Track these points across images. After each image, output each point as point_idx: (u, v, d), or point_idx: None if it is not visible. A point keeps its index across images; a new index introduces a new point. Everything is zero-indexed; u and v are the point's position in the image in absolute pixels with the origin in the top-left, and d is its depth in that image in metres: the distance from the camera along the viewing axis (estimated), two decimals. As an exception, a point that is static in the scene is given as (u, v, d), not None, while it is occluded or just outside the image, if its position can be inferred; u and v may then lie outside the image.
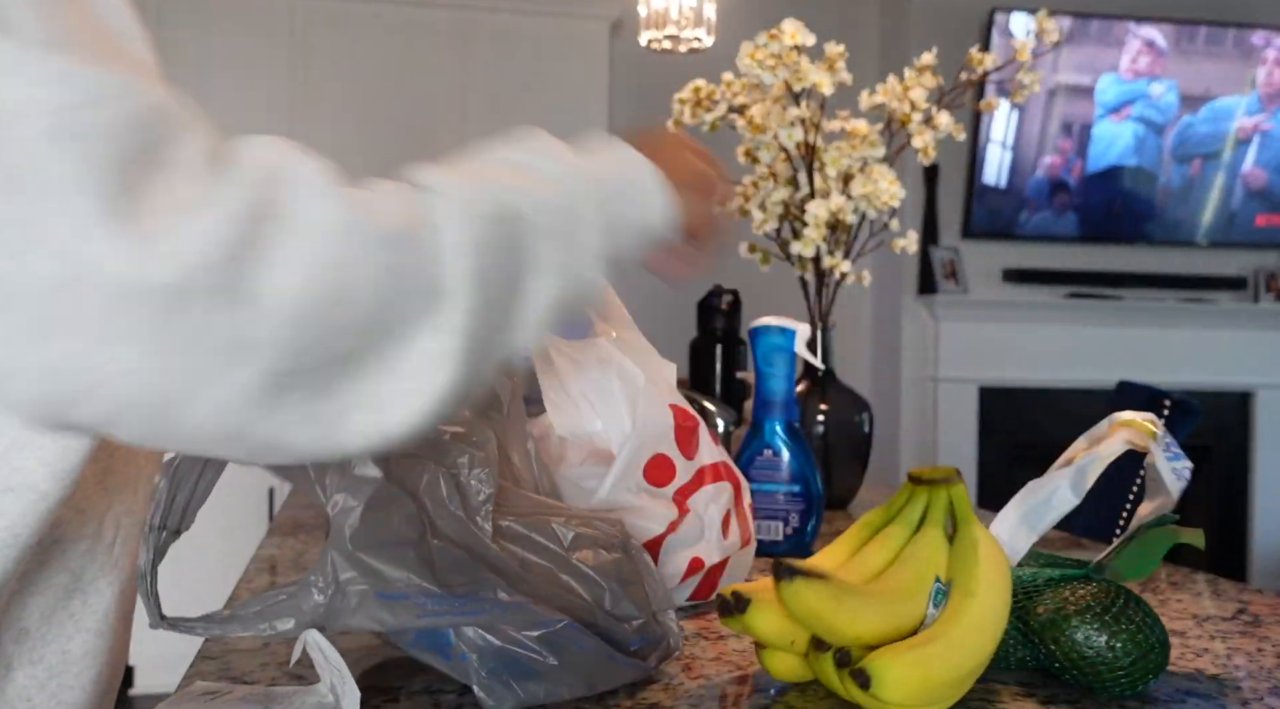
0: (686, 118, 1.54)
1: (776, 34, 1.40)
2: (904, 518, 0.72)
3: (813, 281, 1.51)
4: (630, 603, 0.66)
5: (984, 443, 4.43)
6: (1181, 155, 4.44)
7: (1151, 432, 0.75)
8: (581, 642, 0.62)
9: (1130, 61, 4.35)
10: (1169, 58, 4.37)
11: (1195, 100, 4.42)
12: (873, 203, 1.45)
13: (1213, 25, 4.40)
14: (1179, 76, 4.39)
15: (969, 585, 0.66)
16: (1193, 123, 4.43)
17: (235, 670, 0.70)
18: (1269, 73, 4.45)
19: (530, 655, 0.62)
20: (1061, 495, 0.74)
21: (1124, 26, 4.32)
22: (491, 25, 4.09)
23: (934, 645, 0.63)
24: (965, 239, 4.44)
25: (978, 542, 0.68)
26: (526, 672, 0.61)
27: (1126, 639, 0.67)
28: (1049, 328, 4.44)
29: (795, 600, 0.62)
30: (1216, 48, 4.40)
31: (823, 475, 1.18)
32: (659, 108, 5.17)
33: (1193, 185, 4.46)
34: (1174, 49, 4.37)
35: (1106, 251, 4.56)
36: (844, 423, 1.47)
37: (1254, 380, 4.58)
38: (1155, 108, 4.39)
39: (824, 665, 0.65)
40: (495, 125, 4.18)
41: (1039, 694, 0.68)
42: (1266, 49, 4.44)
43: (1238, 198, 4.50)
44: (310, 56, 3.95)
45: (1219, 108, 4.44)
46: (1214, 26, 4.40)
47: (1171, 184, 4.45)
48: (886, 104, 1.50)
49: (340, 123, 3.97)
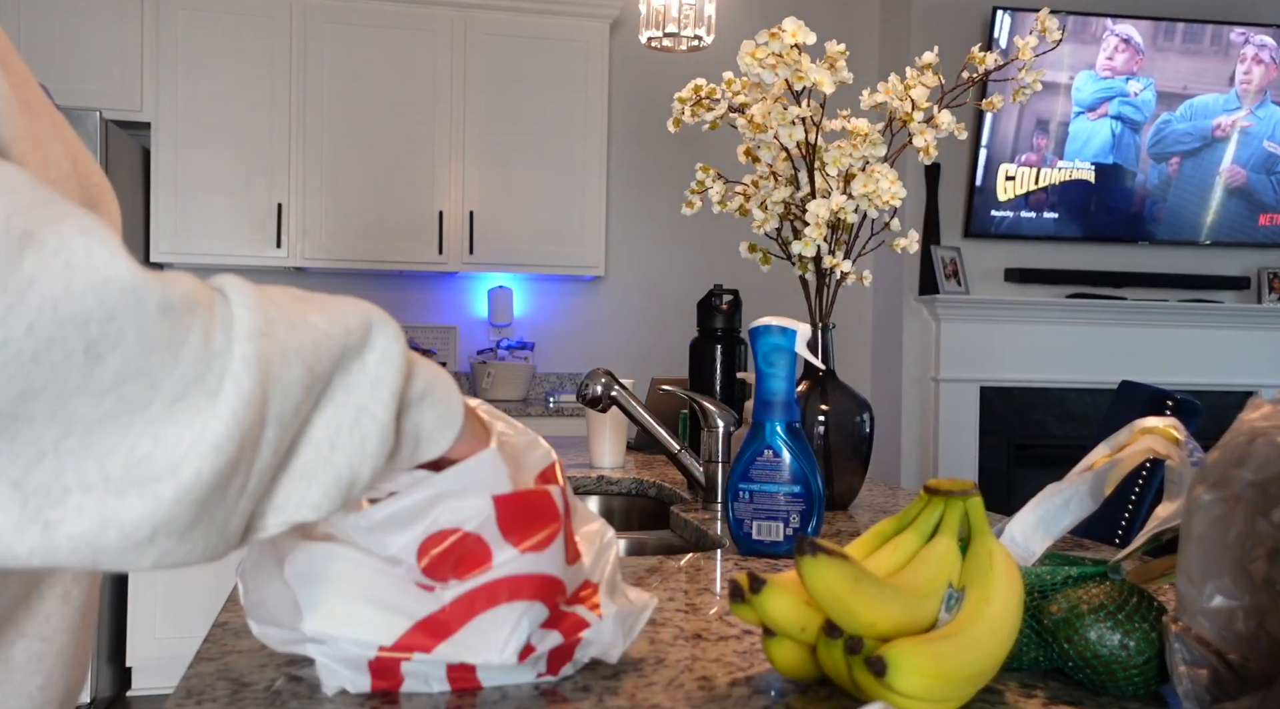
0: (687, 117, 1.54)
1: (777, 33, 1.39)
2: (918, 527, 0.71)
3: (813, 281, 1.51)
4: None
5: (984, 443, 4.43)
6: (1159, 153, 4.44)
7: (1175, 438, 0.75)
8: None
9: (1107, 59, 4.34)
10: (1146, 55, 4.36)
11: (1173, 98, 4.41)
12: (874, 202, 1.44)
13: (1190, 22, 4.39)
14: (1157, 74, 4.39)
15: (986, 591, 0.66)
16: (1171, 120, 4.42)
17: (234, 671, 0.70)
18: (1247, 70, 4.44)
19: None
20: (1080, 500, 0.74)
21: (1101, 24, 4.32)
22: (491, 24, 4.09)
23: (951, 642, 0.63)
24: (967, 239, 4.44)
25: (993, 553, 0.68)
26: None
27: (1140, 638, 0.67)
28: (1050, 328, 4.43)
29: (815, 576, 0.62)
30: (1194, 45, 4.39)
31: (823, 476, 1.18)
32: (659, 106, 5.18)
33: (1171, 183, 4.46)
34: (1151, 46, 4.37)
35: (1108, 251, 4.56)
36: (845, 423, 1.47)
37: (1256, 380, 4.57)
38: (1132, 105, 4.39)
39: (833, 653, 0.65)
40: (495, 124, 4.19)
41: (1041, 694, 0.68)
42: (1245, 46, 4.43)
43: (1217, 196, 4.50)
44: (310, 56, 3.94)
45: (1197, 105, 4.43)
46: (1191, 23, 4.39)
47: (1150, 182, 4.45)
48: (888, 103, 1.49)
49: (340, 122, 3.97)
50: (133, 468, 0.45)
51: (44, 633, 0.65)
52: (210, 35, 3.87)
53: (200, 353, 0.46)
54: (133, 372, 0.44)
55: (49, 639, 0.65)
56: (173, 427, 0.46)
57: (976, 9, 4.40)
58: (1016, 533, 0.74)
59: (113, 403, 0.44)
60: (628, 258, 4.56)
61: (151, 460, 0.45)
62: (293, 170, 3.94)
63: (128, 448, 0.45)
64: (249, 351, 0.47)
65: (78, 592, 0.68)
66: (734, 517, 1.15)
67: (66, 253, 0.43)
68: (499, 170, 4.10)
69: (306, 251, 3.95)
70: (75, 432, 0.44)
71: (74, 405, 0.43)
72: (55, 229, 0.43)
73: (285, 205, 3.93)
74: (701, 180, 1.59)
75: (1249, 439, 0.61)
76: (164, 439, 0.46)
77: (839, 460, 1.46)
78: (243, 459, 0.48)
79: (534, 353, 4.40)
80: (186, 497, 0.46)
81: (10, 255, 0.41)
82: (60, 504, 0.44)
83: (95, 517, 0.45)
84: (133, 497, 0.45)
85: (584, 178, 4.17)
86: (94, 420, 0.44)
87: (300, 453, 0.52)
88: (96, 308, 0.43)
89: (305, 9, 3.93)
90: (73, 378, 0.43)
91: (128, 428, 0.45)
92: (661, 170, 4.56)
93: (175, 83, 3.84)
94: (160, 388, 0.45)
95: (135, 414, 0.45)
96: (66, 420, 0.44)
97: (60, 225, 0.43)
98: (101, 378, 0.43)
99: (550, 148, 4.15)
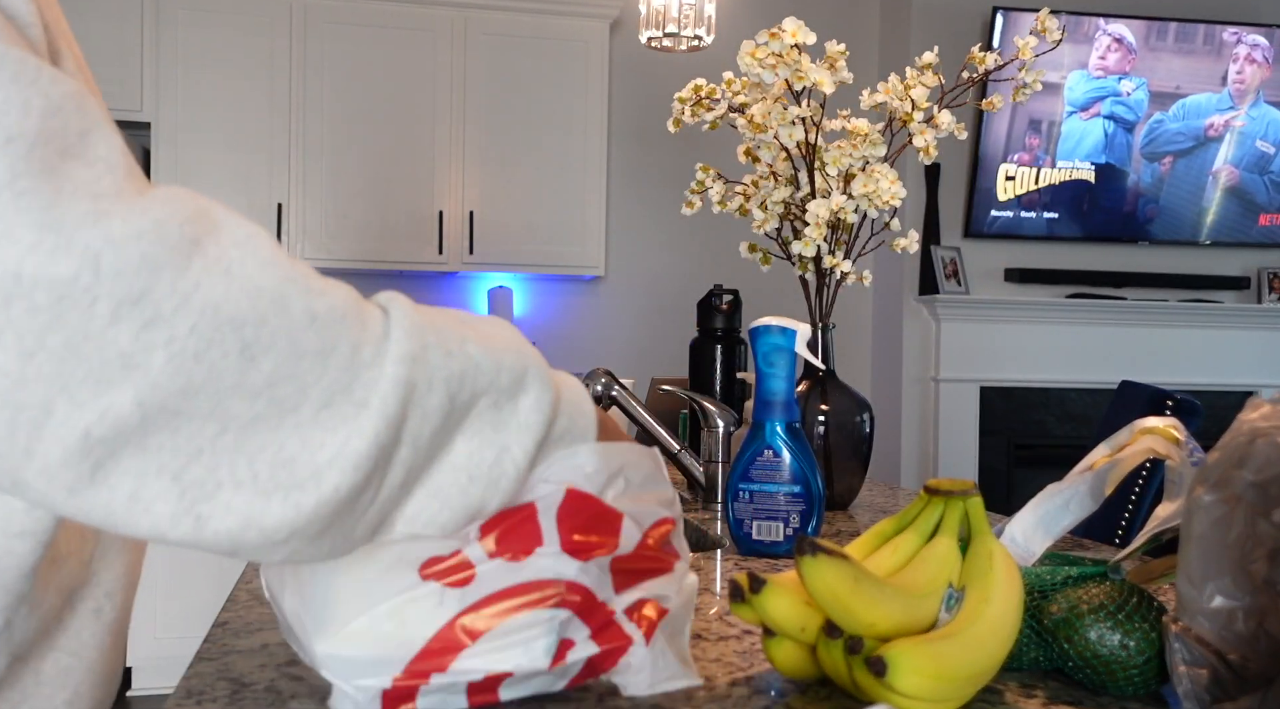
0: (687, 117, 1.54)
1: (777, 33, 1.39)
2: (917, 527, 0.71)
3: (813, 281, 1.51)
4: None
5: (984, 443, 4.43)
6: (1152, 153, 4.43)
7: (1175, 438, 0.75)
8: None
9: (1099, 58, 4.34)
10: (1139, 55, 4.36)
11: (1166, 97, 4.41)
12: (874, 202, 1.44)
13: (1183, 22, 4.39)
14: (1149, 74, 4.38)
15: (986, 592, 0.66)
16: (1163, 120, 4.42)
17: (234, 671, 0.70)
18: (1240, 70, 4.44)
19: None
20: (1080, 500, 0.74)
21: (1093, 23, 4.31)
22: (491, 24, 4.09)
23: (951, 642, 0.63)
24: (967, 239, 4.44)
25: (993, 553, 0.68)
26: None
27: (1140, 638, 0.67)
28: (1050, 328, 4.43)
29: (815, 576, 0.62)
30: (1187, 44, 4.39)
31: (823, 476, 1.17)
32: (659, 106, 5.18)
33: (1164, 183, 4.46)
34: (1144, 46, 4.36)
35: (1108, 251, 4.56)
36: (845, 423, 1.47)
37: (1256, 380, 4.58)
38: (1125, 105, 4.39)
39: (833, 653, 0.65)
40: (495, 124, 4.18)
41: (1041, 694, 0.68)
42: (1238, 45, 4.43)
43: (1215, 196, 4.50)
44: (310, 56, 3.94)
45: (1190, 105, 4.43)
46: (1184, 23, 4.39)
47: (1142, 182, 4.45)
48: (888, 103, 1.49)
49: (340, 122, 3.97)
50: (279, 469, 0.48)
51: (74, 647, 0.65)
52: (210, 35, 3.86)
53: (347, 362, 0.49)
54: (284, 375, 0.47)
55: (79, 654, 0.66)
56: (318, 431, 0.48)
57: (976, 9, 4.40)
58: (1016, 533, 0.74)
59: (265, 404, 0.47)
60: (628, 258, 4.56)
61: (296, 463, 0.48)
62: (293, 170, 3.94)
63: (276, 447, 0.47)
64: (400, 374, 0.50)
65: (110, 608, 0.68)
66: (734, 517, 1.15)
67: (226, 261, 0.46)
68: (499, 170, 4.10)
69: (306, 251, 3.94)
70: (230, 429, 0.47)
71: (230, 404, 0.46)
72: (215, 238, 0.46)
73: (285, 205, 3.93)
74: (701, 180, 1.59)
75: (1249, 439, 0.61)
76: (309, 443, 0.48)
77: (839, 460, 1.46)
78: (376, 473, 0.50)
79: (534, 353, 4.39)
80: (324, 508, 0.49)
81: (180, 261, 0.44)
82: (211, 499, 0.47)
83: (241, 517, 0.47)
84: (276, 501, 0.48)
85: (584, 178, 4.17)
86: (247, 420, 0.47)
87: (436, 473, 0.55)
88: (250, 313, 0.46)
89: (305, 9, 3.93)
90: (229, 376, 0.46)
91: (276, 428, 0.47)
92: (661, 170, 4.56)
93: (175, 82, 3.84)
94: (309, 393, 0.48)
95: (285, 416, 0.47)
96: (223, 418, 0.46)
97: (219, 235, 0.46)
98: (255, 379, 0.46)
99: (550, 148, 4.15)
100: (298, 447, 0.48)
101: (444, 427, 0.53)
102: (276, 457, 0.48)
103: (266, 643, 0.76)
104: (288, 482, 0.48)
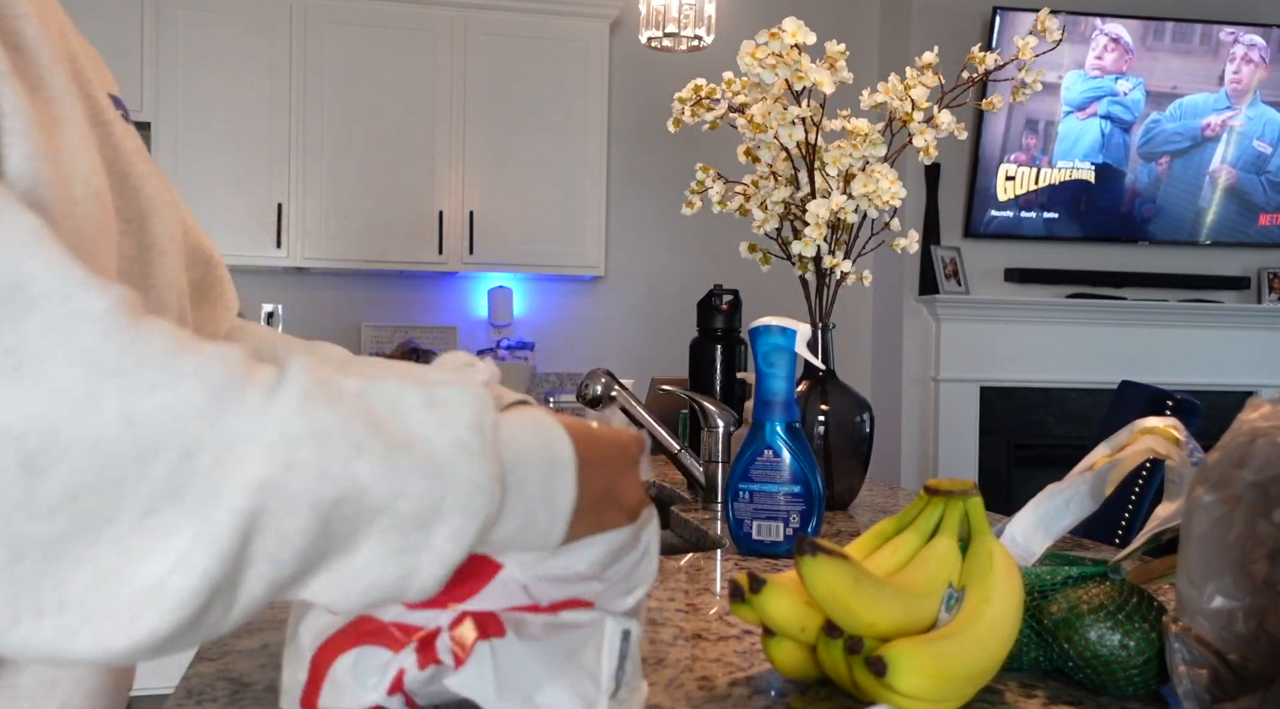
0: (686, 117, 1.54)
1: (777, 33, 1.39)
2: (917, 527, 0.71)
3: (813, 281, 1.51)
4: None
5: (984, 443, 4.43)
6: (1149, 153, 4.43)
7: (1175, 438, 0.75)
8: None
9: (1096, 58, 4.34)
10: (1136, 54, 4.36)
11: (1163, 97, 4.40)
12: (874, 202, 1.44)
13: (1180, 22, 4.39)
14: (1146, 73, 4.38)
15: (986, 592, 0.66)
16: (1160, 120, 4.42)
17: (234, 671, 0.70)
18: (1237, 69, 4.43)
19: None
20: (1080, 500, 0.74)
21: (1090, 23, 4.31)
22: (491, 24, 4.09)
23: (951, 642, 0.63)
24: (967, 239, 4.44)
25: (993, 553, 0.68)
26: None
27: (1140, 638, 0.67)
28: (1050, 328, 4.43)
29: (815, 576, 0.62)
30: (1184, 44, 4.39)
31: (823, 476, 1.17)
32: (659, 106, 5.19)
33: (1161, 183, 4.46)
34: (1141, 46, 4.36)
35: (1108, 251, 4.56)
36: (845, 423, 1.47)
37: (1256, 380, 4.58)
38: (1122, 105, 4.39)
39: (833, 653, 0.65)
40: (495, 124, 4.18)
41: (1041, 694, 0.68)
42: (1235, 45, 4.43)
43: (1215, 196, 4.50)
44: (310, 56, 3.94)
45: (1187, 105, 4.43)
46: (1181, 23, 4.39)
47: (1139, 182, 4.44)
48: (888, 103, 1.49)
49: (340, 122, 3.97)
50: (91, 591, 0.41)
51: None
52: (210, 35, 3.86)
53: (173, 469, 0.41)
54: (83, 486, 0.40)
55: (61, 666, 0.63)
56: (141, 540, 0.42)
57: (976, 9, 4.40)
58: (1016, 533, 0.74)
59: (65, 521, 0.40)
60: (628, 258, 4.56)
61: (115, 582, 0.42)
62: (293, 170, 3.94)
63: (90, 565, 0.41)
64: (239, 503, 0.42)
65: None
66: (734, 517, 1.15)
67: (17, 357, 0.39)
68: (499, 170, 4.10)
69: (306, 251, 3.94)
70: (27, 555, 0.41)
71: (18, 525, 0.40)
72: (15, 325, 0.40)
73: (285, 205, 3.93)
74: (701, 180, 1.59)
75: (1249, 439, 0.61)
76: (131, 555, 0.42)
77: (839, 460, 1.46)
78: (218, 600, 0.44)
79: (534, 353, 4.40)
80: (156, 636, 0.42)
81: None
82: (7, 634, 0.41)
83: (47, 649, 0.42)
84: (85, 636, 0.42)
85: (584, 178, 4.17)
86: (49, 540, 0.41)
87: (333, 570, 0.47)
88: (36, 421, 0.39)
89: (305, 9, 3.93)
90: (12, 494, 0.40)
91: (91, 545, 0.41)
92: (661, 170, 4.56)
93: (175, 83, 3.84)
94: (122, 505, 0.41)
95: (101, 529, 0.41)
96: (14, 543, 0.40)
97: (27, 317, 0.40)
98: (47, 494, 0.40)
99: (550, 148, 4.15)
100: (117, 561, 0.41)
101: (318, 545, 0.45)
102: (91, 576, 0.41)
103: (266, 643, 0.76)
104: (103, 609, 0.41)
